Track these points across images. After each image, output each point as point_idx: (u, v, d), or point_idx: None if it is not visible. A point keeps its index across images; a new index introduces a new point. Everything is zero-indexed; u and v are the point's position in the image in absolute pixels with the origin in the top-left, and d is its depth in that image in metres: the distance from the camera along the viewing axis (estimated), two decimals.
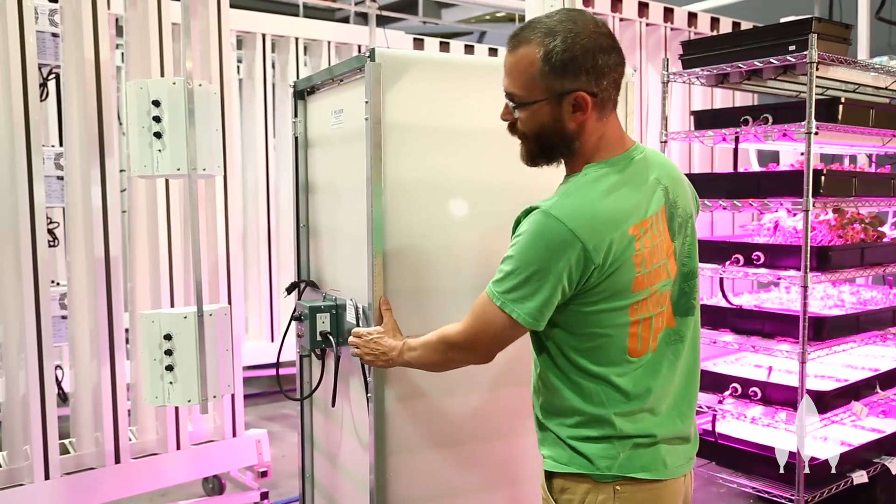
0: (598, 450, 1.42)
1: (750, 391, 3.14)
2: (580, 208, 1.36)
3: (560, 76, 1.36)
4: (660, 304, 1.43)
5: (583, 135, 1.41)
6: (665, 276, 1.43)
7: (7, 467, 2.82)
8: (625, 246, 1.36)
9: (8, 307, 2.83)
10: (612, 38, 1.40)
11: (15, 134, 2.73)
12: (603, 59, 1.37)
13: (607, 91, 1.40)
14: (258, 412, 4.87)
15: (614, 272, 1.36)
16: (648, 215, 1.40)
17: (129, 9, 3.02)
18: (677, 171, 1.53)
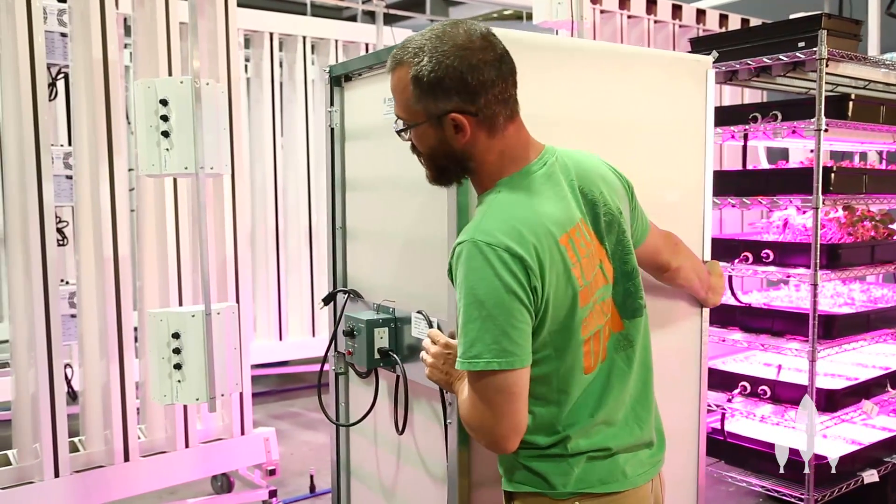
0: (552, 467, 1.35)
1: (759, 390, 3.12)
2: (504, 223, 1.25)
3: (433, 98, 1.28)
4: (604, 313, 1.36)
5: (475, 155, 1.32)
6: (603, 281, 1.36)
7: (17, 465, 2.84)
8: (559, 258, 1.27)
9: (18, 306, 2.84)
10: (488, 51, 1.28)
11: (24, 133, 2.74)
12: (475, 77, 1.26)
13: (490, 107, 1.28)
14: (266, 410, 4.88)
15: (555, 287, 1.27)
16: (574, 223, 1.32)
17: (137, 8, 3.03)
18: (595, 165, 1.43)
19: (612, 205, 1.39)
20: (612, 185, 1.43)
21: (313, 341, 5.09)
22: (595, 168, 1.42)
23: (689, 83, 2.05)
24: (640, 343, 1.43)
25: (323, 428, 4.55)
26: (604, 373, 1.37)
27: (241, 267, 3.27)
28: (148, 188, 3.05)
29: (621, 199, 1.44)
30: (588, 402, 1.35)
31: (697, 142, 2.09)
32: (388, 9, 5.26)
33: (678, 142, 2.05)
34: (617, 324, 1.39)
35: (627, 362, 1.40)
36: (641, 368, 1.43)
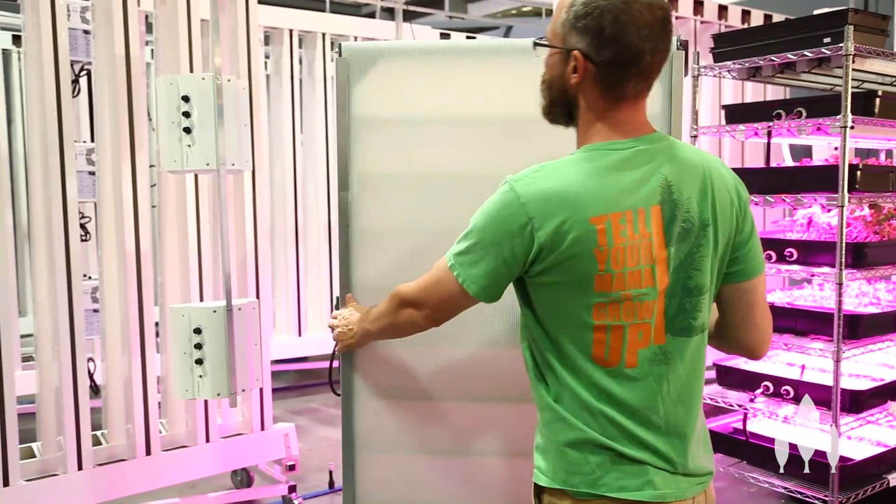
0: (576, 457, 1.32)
1: (782, 390, 3.09)
2: (541, 184, 1.27)
3: (571, 30, 1.29)
4: (637, 315, 1.28)
5: (581, 104, 1.33)
6: (648, 283, 1.28)
7: (41, 458, 2.87)
8: (581, 235, 1.24)
9: (41, 300, 2.87)
10: (644, 16, 1.25)
11: (48, 130, 2.77)
12: (612, 29, 1.24)
13: (613, 67, 1.27)
14: (286, 406, 4.90)
15: (566, 261, 1.26)
16: (624, 208, 1.26)
17: (159, 5, 3.04)
18: (702, 170, 1.33)
19: (696, 213, 1.30)
20: (717, 195, 1.33)
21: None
22: (707, 172, 1.33)
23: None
24: (683, 366, 1.33)
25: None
26: (635, 378, 1.30)
27: (261, 263, 3.28)
28: (169, 184, 3.07)
29: (723, 213, 1.33)
30: (608, 399, 1.30)
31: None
32: (407, 5, 5.26)
33: None
34: (660, 336, 1.31)
35: (658, 379, 1.31)
36: (681, 391, 1.33)
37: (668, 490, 1.31)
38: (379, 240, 1.98)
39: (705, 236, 1.31)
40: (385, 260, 1.96)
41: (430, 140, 1.92)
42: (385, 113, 1.96)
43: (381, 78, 1.94)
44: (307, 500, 3.44)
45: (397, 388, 1.98)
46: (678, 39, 1.81)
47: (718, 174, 1.36)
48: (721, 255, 1.35)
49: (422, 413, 1.99)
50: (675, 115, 1.85)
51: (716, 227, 1.33)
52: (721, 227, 1.34)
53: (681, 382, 1.33)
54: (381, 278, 1.95)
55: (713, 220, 1.32)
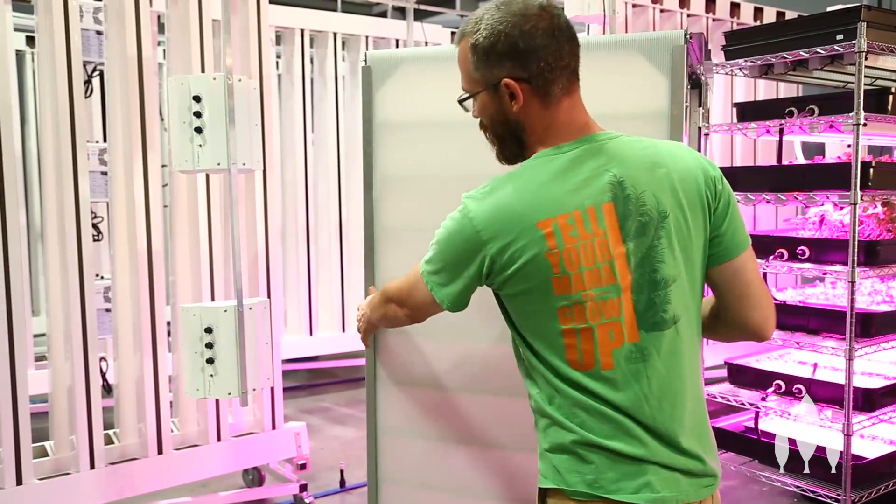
0: (567, 462, 1.32)
1: (794, 388, 3.07)
2: (488, 201, 1.31)
3: (488, 65, 1.31)
4: (604, 314, 1.27)
5: (528, 125, 1.34)
6: (609, 280, 1.27)
7: (54, 456, 2.89)
8: (529, 242, 1.26)
9: (54, 300, 2.89)
10: (543, 19, 1.29)
11: (61, 130, 2.78)
12: (526, 42, 1.28)
13: (543, 75, 1.29)
14: (297, 405, 4.91)
15: (521, 270, 1.27)
16: (572, 209, 1.26)
17: (171, 6, 3.06)
18: (666, 163, 1.32)
19: (652, 206, 1.28)
20: (671, 183, 1.30)
21: (343, 336, 5.11)
22: (654, 163, 1.31)
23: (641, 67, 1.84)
24: (661, 361, 1.30)
25: (352, 423, 4.58)
26: (611, 382, 1.29)
27: (272, 262, 3.29)
28: (181, 184, 3.09)
29: (687, 200, 1.31)
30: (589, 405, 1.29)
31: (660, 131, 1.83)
32: (419, 4, 5.26)
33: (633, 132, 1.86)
34: (633, 333, 1.29)
35: (637, 377, 1.29)
36: (664, 386, 1.31)
37: (667, 493, 1.29)
38: (400, 236, 2.06)
39: (664, 227, 1.29)
40: (405, 255, 2.04)
41: (447, 142, 1.99)
42: (405, 117, 2.04)
43: (401, 83, 2.02)
44: (318, 499, 3.45)
45: (419, 378, 2.05)
46: (686, 32, 1.81)
47: (678, 160, 1.34)
48: (697, 241, 1.33)
49: (441, 403, 2.05)
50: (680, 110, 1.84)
51: (682, 214, 1.31)
52: (690, 213, 1.32)
53: (661, 378, 1.31)
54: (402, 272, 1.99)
55: (677, 209, 1.30)
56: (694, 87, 2.37)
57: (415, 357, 2.07)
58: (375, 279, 2.08)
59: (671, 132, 1.81)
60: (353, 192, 5.09)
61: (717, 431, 3.26)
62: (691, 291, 1.34)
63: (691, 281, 1.33)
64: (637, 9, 3.99)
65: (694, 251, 1.33)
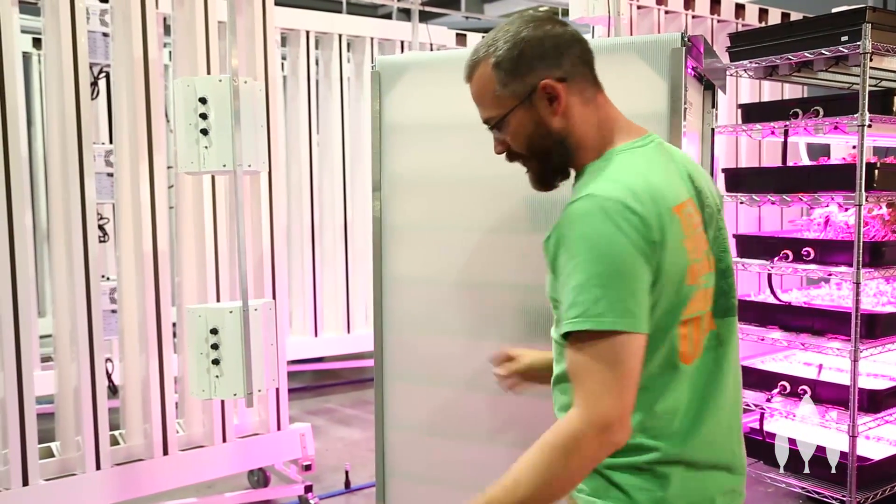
0: (637, 480, 1.19)
1: (799, 389, 3.07)
2: (618, 182, 1.17)
3: (518, 76, 1.25)
4: (706, 302, 1.25)
5: (574, 128, 1.26)
6: (708, 269, 1.26)
7: (60, 457, 2.90)
8: (672, 226, 1.17)
9: (60, 301, 2.90)
10: (555, 23, 1.28)
11: (67, 131, 2.80)
12: (552, 41, 1.25)
13: (576, 69, 1.26)
14: (302, 406, 4.92)
15: (670, 255, 1.16)
16: (684, 198, 1.23)
17: (177, 8, 3.07)
18: (697, 164, 1.40)
19: (712, 198, 1.33)
20: (709, 183, 1.37)
21: (348, 338, 5.12)
22: (697, 165, 1.38)
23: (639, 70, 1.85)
24: (733, 345, 1.31)
25: (357, 424, 4.58)
26: (698, 371, 1.23)
27: (277, 263, 3.30)
28: (187, 185, 3.10)
29: (719, 200, 1.39)
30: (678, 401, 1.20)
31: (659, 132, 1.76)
32: (423, 6, 5.26)
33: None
34: (710, 321, 1.27)
35: (717, 364, 1.25)
36: (734, 374, 1.30)
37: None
38: (407, 236, 2.12)
39: (721, 219, 1.35)
40: (411, 254, 2.11)
41: (454, 144, 2.03)
42: (413, 119, 2.09)
43: (409, 87, 2.08)
44: (323, 500, 3.46)
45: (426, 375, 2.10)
46: (683, 35, 1.81)
47: (697, 164, 1.40)
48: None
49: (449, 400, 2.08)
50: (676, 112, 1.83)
51: (720, 210, 1.37)
52: (721, 210, 1.38)
53: (732, 367, 1.30)
54: (407, 270, 2.12)
55: (718, 205, 1.36)
56: (707, 88, 2.37)
57: (422, 353, 2.09)
58: (382, 278, 2.13)
59: (669, 134, 1.81)
60: (357, 193, 5.10)
61: None
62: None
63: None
64: (642, 10, 3.98)
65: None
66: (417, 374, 2.11)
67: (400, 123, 2.10)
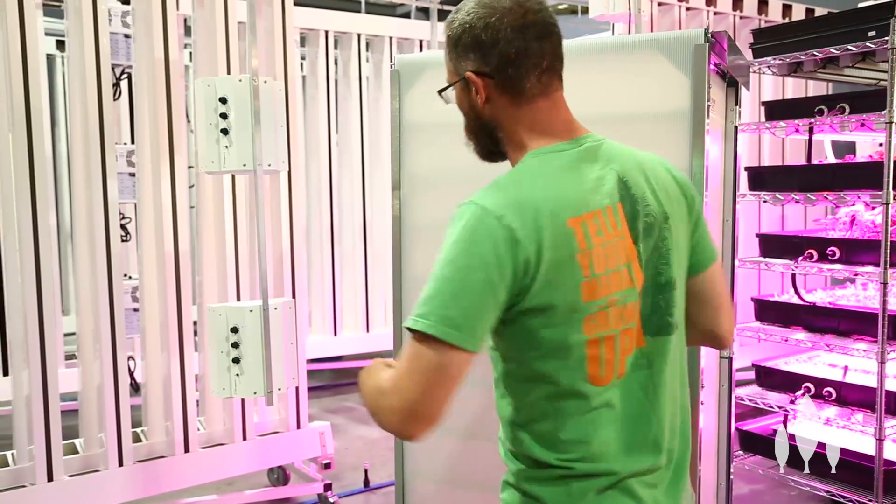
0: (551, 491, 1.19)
1: (824, 391, 3.02)
2: (509, 195, 1.16)
3: (457, 57, 1.26)
4: (624, 320, 1.19)
5: (501, 123, 1.25)
6: (628, 284, 1.19)
7: (84, 454, 2.93)
8: (561, 239, 1.14)
9: (84, 299, 2.93)
10: (514, 14, 1.21)
11: (90, 132, 2.82)
12: (489, 35, 1.20)
13: (507, 71, 1.21)
14: (321, 405, 4.94)
15: (552, 272, 1.13)
16: (593, 208, 1.17)
17: (198, 9, 3.08)
18: (648, 163, 1.28)
19: (656, 206, 1.24)
20: (665, 187, 1.28)
21: (367, 337, 5.13)
22: (647, 166, 1.28)
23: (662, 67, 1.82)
24: (669, 364, 1.25)
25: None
26: (622, 391, 1.21)
27: (296, 263, 3.31)
28: (207, 185, 3.11)
29: (675, 206, 1.28)
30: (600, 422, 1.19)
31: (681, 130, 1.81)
32: (442, 5, 5.26)
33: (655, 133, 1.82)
34: (640, 338, 1.22)
35: (641, 386, 1.22)
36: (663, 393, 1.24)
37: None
38: (427, 235, 2.12)
39: (668, 228, 1.25)
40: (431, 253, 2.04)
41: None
42: (433, 118, 2.08)
43: (428, 86, 2.06)
44: (343, 499, 3.46)
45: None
46: (706, 31, 1.78)
47: (661, 167, 1.31)
48: (685, 247, 1.31)
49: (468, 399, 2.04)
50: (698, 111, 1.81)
51: (675, 221, 1.28)
52: (678, 219, 1.29)
53: (666, 386, 1.25)
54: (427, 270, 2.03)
55: (670, 213, 1.27)
56: (730, 85, 2.34)
57: None
58: (402, 276, 2.13)
59: (693, 131, 1.79)
60: (377, 192, 5.10)
61: (745, 434, 3.23)
62: (681, 297, 1.29)
63: (682, 287, 1.30)
64: (663, 7, 3.95)
65: (685, 257, 1.31)
66: None
67: (419, 122, 2.09)
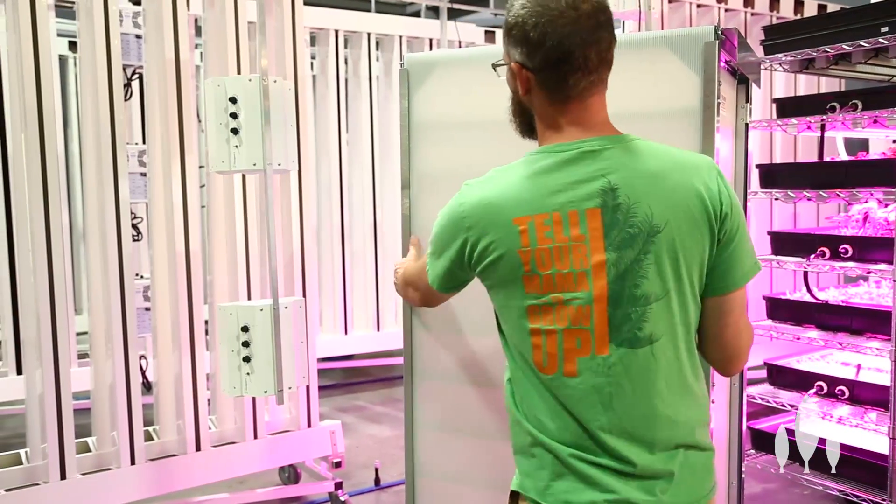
0: (526, 461, 1.34)
1: (836, 390, 3.00)
2: (481, 194, 1.32)
3: (509, 46, 1.32)
4: (571, 320, 1.24)
5: (536, 112, 1.35)
6: (581, 287, 1.23)
7: (96, 452, 2.95)
8: (505, 234, 1.27)
9: (95, 299, 2.95)
10: (566, 16, 1.22)
11: (101, 133, 2.84)
12: (536, 34, 1.24)
13: (547, 71, 1.26)
14: (332, 404, 4.95)
15: (495, 262, 1.29)
16: (551, 209, 1.24)
17: (208, 9, 3.09)
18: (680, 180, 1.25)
19: (643, 219, 1.23)
20: (679, 203, 1.25)
21: (378, 335, 5.13)
22: (660, 175, 1.26)
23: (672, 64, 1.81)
24: (629, 380, 1.26)
25: (387, 422, 4.59)
26: (571, 391, 1.27)
27: (307, 262, 3.31)
28: (218, 185, 3.13)
29: (683, 223, 1.25)
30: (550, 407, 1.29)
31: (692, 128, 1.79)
32: (452, 3, 5.25)
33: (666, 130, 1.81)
34: (602, 346, 1.25)
35: (598, 390, 1.25)
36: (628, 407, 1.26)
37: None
38: None
39: (654, 242, 1.23)
40: None
41: (484, 142, 2.01)
42: (442, 117, 2.07)
43: (438, 85, 2.06)
44: (353, 497, 3.47)
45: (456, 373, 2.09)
46: (716, 28, 1.77)
47: (683, 180, 1.26)
48: (695, 261, 1.27)
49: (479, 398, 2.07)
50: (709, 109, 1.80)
51: (682, 232, 1.24)
52: (692, 232, 1.25)
53: (625, 397, 1.26)
54: None
55: (676, 225, 1.24)
56: (740, 82, 2.33)
57: (453, 352, 2.09)
58: None
59: (703, 129, 1.78)
60: (387, 191, 5.11)
61: (757, 433, 3.21)
62: (681, 312, 1.27)
63: (681, 302, 1.27)
64: (673, 4, 3.93)
65: (690, 271, 1.27)
66: (447, 372, 2.10)
67: (429, 121, 2.09)
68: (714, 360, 1.40)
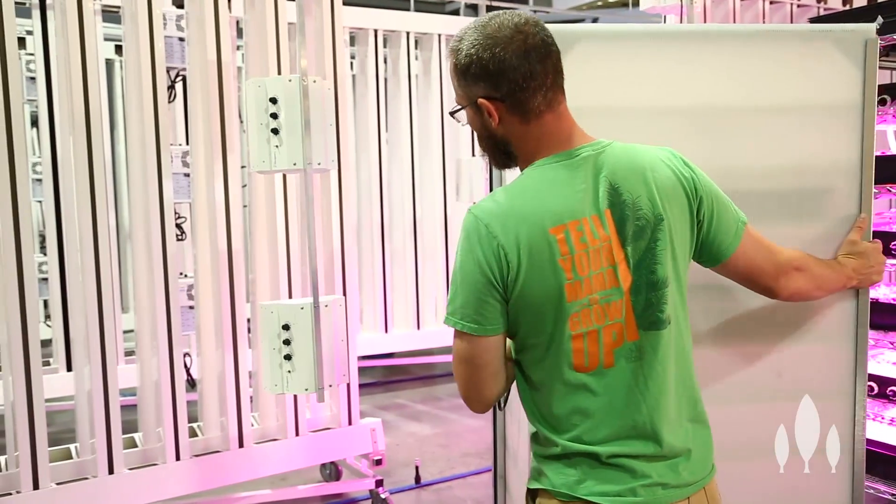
0: (553, 466, 1.38)
1: (888, 391, 2.92)
2: (498, 206, 1.34)
3: (467, 83, 1.37)
4: (607, 316, 1.34)
5: (513, 140, 1.39)
6: (612, 284, 1.33)
7: (143, 448, 3.01)
8: (544, 247, 1.30)
9: (141, 298, 3.00)
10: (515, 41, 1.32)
11: (146, 134, 2.89)
12: (497, 65, 1.32)
13: (516, 94, 1.33)
14: (373, 401, 4.97)
15: (535, 277, 1.31)
16: (579, 216, 1.32)
17: (249, 11, 3.13)
18: (647, 166, 1.36)
19: (648, 210, 1.34)
20: (663, 189, 1.36)
21: (418, 334, 5.14)
22: (649, 167, 1.37)
23: (831, 58, 1.86)
24: (657, 360, 1.35)
25: (427, 420, 4.60)
26: (610, 378, 1.35)
27: (347, 260, 3.33)
28: (259, 184, 3.16)
29: (675, 206, 1.37)
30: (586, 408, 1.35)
31: (850, 123, 1.89)
32: (491, 1, 5.24)
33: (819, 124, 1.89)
34: (632, 332, 1.35)
35: (633, 375, 1.35)
36: (661, 382, 1.36)
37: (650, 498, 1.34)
38: None
39: (661, 230, 1.35)
40: None
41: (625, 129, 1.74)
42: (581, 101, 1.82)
43: (578, 64, 1.76)
44: (394, 495, 3.48)
45: None
46: (878, 23, 1.85)
47: (661, 166, 1.38)
48: (685, 244, 1.40)
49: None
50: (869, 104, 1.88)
51: (673, 218, 1.37)
52: (679, 217, 1.38)
53: (658, 377, 1.36)
54: None
55: (669, 212, 1.36)
56: None
57: None
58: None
59: (863, 125, 1.87)
60: (426, 189, 5.11)
61: None
62: (679, 293, 1.40)
63: (679, 283, 1.39)
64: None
65: (683, 254, 1.40)
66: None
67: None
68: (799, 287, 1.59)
